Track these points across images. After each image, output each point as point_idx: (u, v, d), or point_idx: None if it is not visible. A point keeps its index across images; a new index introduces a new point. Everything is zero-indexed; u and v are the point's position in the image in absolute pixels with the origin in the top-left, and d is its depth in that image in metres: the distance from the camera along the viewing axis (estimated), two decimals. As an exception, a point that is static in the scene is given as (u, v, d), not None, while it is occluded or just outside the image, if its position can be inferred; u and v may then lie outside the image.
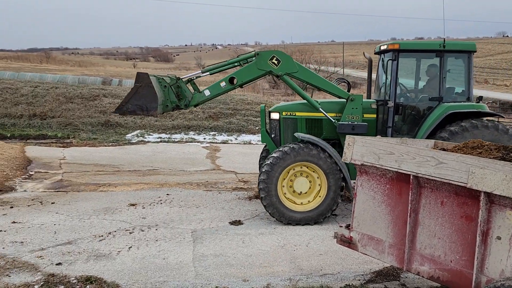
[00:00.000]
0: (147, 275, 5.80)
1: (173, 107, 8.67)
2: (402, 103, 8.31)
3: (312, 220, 7.78)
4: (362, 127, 8.16)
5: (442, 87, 8.10)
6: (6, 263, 6.10)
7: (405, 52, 8.23)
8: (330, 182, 7.71)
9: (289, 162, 7.63)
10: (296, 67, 8.41)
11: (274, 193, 7.64)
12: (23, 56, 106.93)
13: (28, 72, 50.97)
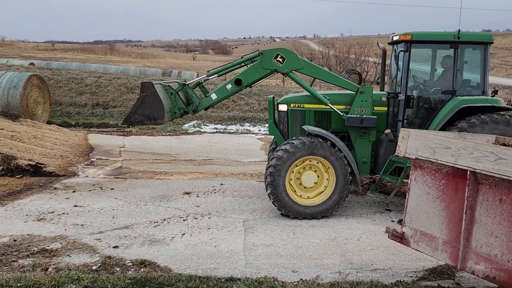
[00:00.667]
0: (198, 261, 5.94)
1: (181, 113, 8.75)
2: (413, 96, 8.03)
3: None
4: (371, 121, 7.92)
5: (456, 80, 7.78)
6: (67, 244, 6.43)
7: (418, 43, 7.95)
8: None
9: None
10: (301, 64, 8.28)
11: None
12: (88, 48, 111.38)
13: (93, 63, 53.10)
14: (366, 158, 8.15)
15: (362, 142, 8.13)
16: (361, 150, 8.14)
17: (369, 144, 8.13)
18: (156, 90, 8.05)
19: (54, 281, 5.12)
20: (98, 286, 5.08)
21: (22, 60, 46.48)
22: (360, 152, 8.14)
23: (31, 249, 6.19)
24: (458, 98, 7.69)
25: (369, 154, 8.15)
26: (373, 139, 8.10)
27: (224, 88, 8.56)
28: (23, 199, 8.47)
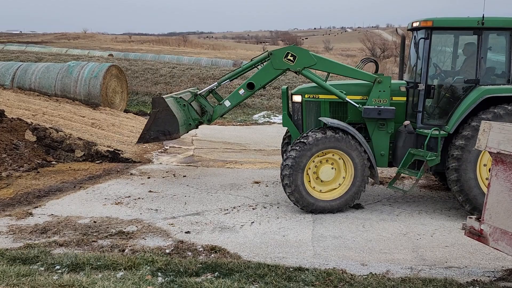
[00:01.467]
0: (267, 250, 6.00)
1: (196, 124, 8.64)
2: (434, 86, 7.54)
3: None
4: (389, 112, 7.54)
5: (479, 68, 7.26)
6: (142, 227, 6.72)
7: (440, 29, 7.49)
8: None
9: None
10: (313, 60, 8.03)
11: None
12: (163, 40, 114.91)
13: (167, 54, 54.74)
14: (384, 150, 7.83)
15: (379, 134, 7.80)
16: (378, 142, 7.81)
17: (387, 136, 7.79)
18: (168, 105, 7.91)
19: (131, 262, 5.37)
20: (171, 269, 5.27)
21: (102, 52, 48.78)
22: (378, 145, 7.81)
23: (109, 231, 6.53)
24: (482, 87, 7.18)
25: (387, 146, 7.83)
26: (391, 131, 7.76)
27: (237, 93, 8.44)
28: (102, 183, 8.93)
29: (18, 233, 6.42)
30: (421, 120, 7.55)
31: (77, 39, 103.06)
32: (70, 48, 54.19)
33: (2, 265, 5.25)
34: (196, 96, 8.55)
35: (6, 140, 10.14)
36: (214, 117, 8.60)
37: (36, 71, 17.36)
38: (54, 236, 6.32)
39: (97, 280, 4.86)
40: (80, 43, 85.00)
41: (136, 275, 5.05)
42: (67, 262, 5.34)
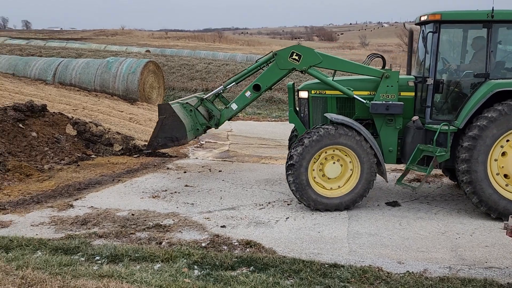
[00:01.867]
0: (302, 245, 5.99)
1: (204, 128, 8.53)
2: (443, 80, 7.31)
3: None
4: (397, 107, 7.38)
5: (489, 62, 7.03)
6: (179, 220, 6.82)
7: (448, 23, 7.27)
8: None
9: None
10: (319, 58, 7.87)
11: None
12: (199, 36, 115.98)
13: (203, 50, 55.23)
14: (392, 146, 7.66)
15: (387, 130, 7.63)
16: (386, 138, 7.65)
17: (395, 132, 7.63)
18: (174, 111, 7.84)
19: (167, 254, 5.47)
20: (207, 262, 5.34)
21: (139, 48, 49.62)
22: (386, 141, 7.65)
23: (147, 224, 6.66)
24: (492, 81, 6.96)
25: (395, 142, 7.66)
26: (399, 126, 7.59)
27: (243, 96, 8.34)
28: (140, 177, 9.11)
29: (59, 224, 6.63)
30: (429, 116, 7.39)
31: (115, 35, 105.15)
32: (108, 44, 55.35)
33: (45, 255, 5.44)
34: (202, 101, 8.49)
35: (48, 134, 10.47)
36: (221, 121, 8.54)
37: (76, 67, 17.82)
38: (94, 228, 6.49)
39: (135, 271, 4.97)
40: (118, 39, 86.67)
41: (173, 268, 5.14)
42: (106, 253, 5.48)
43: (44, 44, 44.55)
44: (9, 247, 5.70)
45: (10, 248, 5.67)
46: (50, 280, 4.24)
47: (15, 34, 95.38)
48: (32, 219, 6.82)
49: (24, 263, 5.01)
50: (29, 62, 19.55)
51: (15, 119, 10.17)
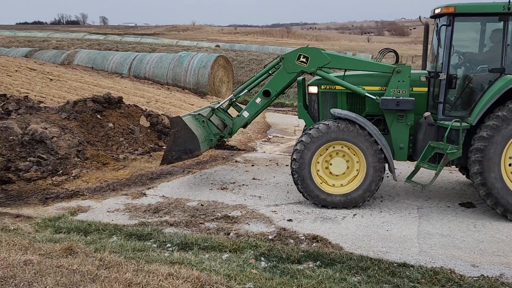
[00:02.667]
0: (369, 243, 5.90)
1: (217, 138, 8.36)
2: (456, 75, 6.97)
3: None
4: (408, 103, 7.08)
5: (505, 57, 6.68)
6: (246, 212, 6.93)
7: (462, 16, 6.93)
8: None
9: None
10: (327, 58, 7.60)
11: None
12: (267, 31, 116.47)
13: (271, 45, 55.44)
14: (403, 143, 7.38)
15: (398, 126, 7.35)
16: (397, 134, 7.37)
17: (407, 128, 7.34)
18: (185, 123, 7.76)
19: (235, 245, 5.58)
20: (273, 254, 5.39)
21: (209, 43, 50.61)
22: (397, 137, 7.38)
23: (215, 214, 6.81)
24: (508, 76, 6.58)
25: (406, 139, 7.38)
26: (410, 122, 7.30)
27: (254, 103, 8.15)
28: (209, 169, 9.33)
29: (133, 211, 6.93)
30: (442, 112, 7.11)
31: (186, 31, 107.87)
32: (180, 39, 56.87)
33: (120, 239, 5.72)
34: (214, 111, 8.37)
35: (123, 125, 10.94)
36: (234, 129, 8.38)
37: (150, 61, 18.47)
38: (165, 216, 6.73)
39: (204, 260, 5.11)
40: (189, 34, 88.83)
41: (241, 258, 5.23)
42: (177, 241, 5.68)
43: (120, 39, 46.55)
44: (88, 231, 6.05)
45: (89, 232, 6.02)
46: (126, 264, 4.45)
47: (93, 29, 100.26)
48: (108, 206, 7.18)
49: (101, 246, 5.29)
50: (107, 56, 20.51)
51: (93, 110, 10.72)
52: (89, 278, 3.91)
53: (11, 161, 8.75)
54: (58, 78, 18.22)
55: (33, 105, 12.21)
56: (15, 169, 8.64)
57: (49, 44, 37.01)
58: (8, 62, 19.81)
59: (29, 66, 19.61)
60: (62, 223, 6.27)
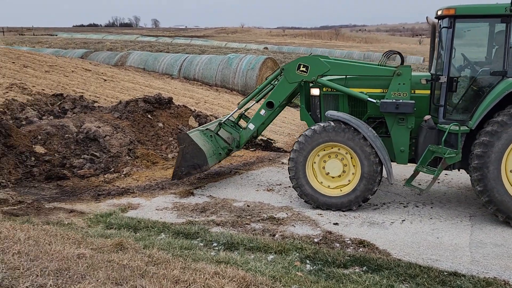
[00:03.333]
0: (419, 250, 5.76)
1: (226, 152, 8.39)
2: (457, 78, 6.83)
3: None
4: (407, 106, 6.98)
5: (507, 59, 6.51)
6: (292, 215, 6.91)
7: (464, 18, 6.78)
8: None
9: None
10: (326, 66, 7.58)
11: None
12: (315, 33, 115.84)
13: (319, 47, 55.13)
14: (404, 146, 7.29)
15: (399, 129, 7.25)
16: (398, 138, 7.28)
17: (407, 132, 7.23)
18: (192, 139, 7.87)
19: (281, 246, 5.58)
20: (319, 257, 5.35)
21: (257, 45, 50.87)
22: (397, 140, 7.29)
23: (261, 215, 6.84)
24: (509, 80, 6.40)
25: (407, 142, 7.28)
26: (411, 126, 7.19)
27: (258, 115, 8.16)
28: (255, 170, 9.38)
29: (181, 210, 7.06)
30: (443, 115, 6.96)
31: (235, 33, 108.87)
32: (229, 41, 57.47)
33: (168, 237, 5.84)
34: (221, 125, 8.45)
35: (172, 125, 11.17)
36: (241, 142, 8.42)
37: (200, 63, 18.76)
38: (212, 216, 6.82)
39: (249, 260, 5.14)
40: (238, 37, 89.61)
41: (286, 260, 5.23)
42: (223, 241, 5.74)
43: (171, 41, 47.56)
44: (137, 228, 6.22)
45: (138, 229, 6.18)
46: (173, 261, 4.54)
47: (145, 32, 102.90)
48: (157, 204, 7.35)
49: (150, 243, 5.42)
50: (158, 58, 21.00)
51: (144, 110, 11.00)
52: (138, 273, 4.01)
53: (66, 158, 9.10)
54: (112, 78, 18.82)
55: (87, 105, 12.67)
56: (70, 166, 8.98)
57: (103, 45, 38.26)
58: (65, 63, 20.64)
59: (85, 67, 20.36)
60: (113, 219, 6.47)
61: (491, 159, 6.40)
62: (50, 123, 10.28)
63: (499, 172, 6.42)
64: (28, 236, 4.73)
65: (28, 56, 20.84)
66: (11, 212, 6.77)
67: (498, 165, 6.40)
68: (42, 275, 3.63)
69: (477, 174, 6.50)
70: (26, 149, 9.04)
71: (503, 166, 6.43)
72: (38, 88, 14.54)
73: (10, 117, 10.86)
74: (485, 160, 6.42)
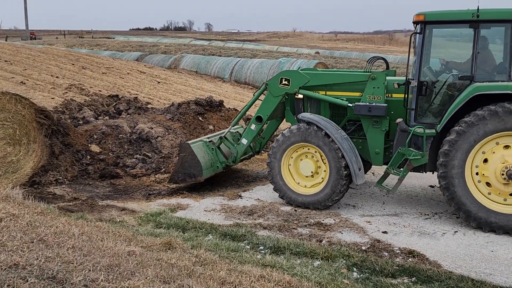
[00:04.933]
0: (471, 263, 5.55)
1: (223, 167, 8.54)
2: (427, 82, 6.99)
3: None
4: (379, 109, 7.23)
5: (474, 64, 6.69)
6: (340, 221, 6.84)
7: (433, 24, 6.97)
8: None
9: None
10: (306, 77, 7.92)
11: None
12: (368, 38, 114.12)
13: (372, 52, 54.24)
14: (378, 148, 7.50)
15: (374, 132, 7.48)
16: (373, 140, 7.51)
17: (382, 134, 7.44)
18: (192, 150, 8.12)
19: (327, 253, 5.53)
20: (366, 266, 5.27)
21: (309, 49, 50.68)
22: (373, 143, 7.52)
23: (308, 221, 6.80)
24: (475, 84, 6.55)
25: (381, 144, 7.48)
26: (385, 128, 7.40)
27: (249, 130, 8.43)
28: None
29: (229, 212, 7.13)
30: (414, 118, 7.12)
31: (286, 37, 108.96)
32: (280, 46, 57.57)
33: (215, 238, 5.91)
34: (221, 139, 8.61)
35: (223, 128, 11.30)
36: (237, 157, 8.59)
37: (251, 67, 18.91)
38: (259, 219, 6.85)
39: (295, 265, 5.12)
40: (289, 41, 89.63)
41: (332, 267, 5.18)
42: (269, 244, 5.75)
43: (223, 45, 48.17)
44: (186, 228, 6.33)
45: (186, 229, 6.29)
46: (220, 262, 4.59)
47: (198, 35, 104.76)
48: (206, 205, 7.46)
49: (197, 244, 5.51)
50: (210, 61, 21.33)
51: (196, 112, 11.19)
52: (186, 273, 4.08)
53: (119, 158, 9.40)
54: (165, 81, 19.28)
55: (141, 106, 13.03)
56: (123, 165, 9.27)
57: (158, 48, 39.27)
58: (121, 65, 21.33)
59: (140, 69, 20.96)
60: (163, 219, 6.62)
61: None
62: (105, 123, 10.66)
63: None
64: (82, 232, 4.91)
65: (86, 58, 21.70)
66: (67, 208, 7.06)
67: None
68: (94, 270, 3.76)
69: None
70: (82, 148, 9.41)
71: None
72: (95, 89, 15.10)
73: (68, 116, 11.34)
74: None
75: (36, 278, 3.41)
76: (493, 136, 6.35)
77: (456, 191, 6.57)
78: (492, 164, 6.46)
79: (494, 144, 6.43)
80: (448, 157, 6.57)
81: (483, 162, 6.52)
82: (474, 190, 6.55)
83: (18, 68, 17.19)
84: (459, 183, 6.57)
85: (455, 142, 6.50)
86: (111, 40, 56.69)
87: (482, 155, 6.52)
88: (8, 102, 8.12)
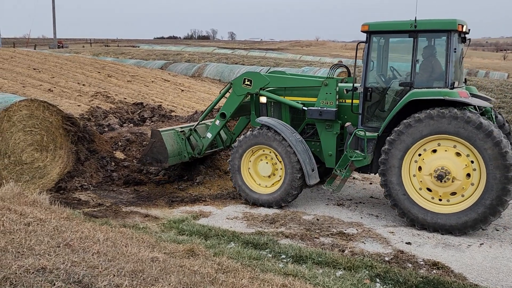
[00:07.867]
0: (498, 276, 5.45)
1: (189, 157, 8.94)
2: (370, 89, 7.44)
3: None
4: (330, 113, 7.71)
5: (413, 71, 7.13)
6: (362, 231, 6.78)
7: (377, 33, 7.50)
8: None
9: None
10: (266, 79, 8.33)
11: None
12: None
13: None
14: (331, 151, 7.95)
15: (327, 135, 7.96)
16: (326, 142, 7.98)
17: (334, 137, 7.91)
18: (162, 138, 8.53)
19: (350, 263, 5.49)
20: (389, 277, 5.22)
21: (332, 58, 50.51)
22: (326, 145, 7.99)
23: (330, 230, 6.77)
24: (413, 90, 6.99)
25: (333, 146, 7.92)
26: (336, 131, 7.87)
27: (214, 125, 8.83)
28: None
29: (251, 220, 7.14)
30: (361, 122, 7.51)
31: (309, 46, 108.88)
32: (303, 54, 57.53)
33: (237, 246, 5.93)
34: (191, 131, 9.01)
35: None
36: (202, 150, 8.96)
37: (273, 75, 18.93)
38: (281, 228, 6.84)
39: (318, 274, 5.10)
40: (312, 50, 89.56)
41: (355, 277, 5.14)
42: (291, 253, 5.73)
43: (246, 53, 48.38)
44: (208, 235, 6.36)
45: (209, 236, 6.32)
46: (242, 270, 4.59)
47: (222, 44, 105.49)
48: (228, 213, 7.48)
49: (219, 251, 5.53)
50: (233, 70, 21.46)
51: (219, 120, 11.24)
52: (208, 280, 4.10)
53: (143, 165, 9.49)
54: (189, 89, 19.46)
55: (165, 114, 13.17)
56: (146, 172, 9.38)
57: (182, 57, 39.66)
58: (146, 73, 21.61)
59: (164, 77, 21.21)
60: (185, 226, 6.67)
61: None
62: (130, 130, 10.80)
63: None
64: (106, 237, 4.98)
65: (112, 66, 22.06)
66: (91, 213, 7.17)
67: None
68: (118, 275, 3.81)
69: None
70: (107, 155, 9.55)
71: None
72: (120, 97, 15.33)
73: (94, 123, 11.53)
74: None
75: (63, 282, 3.47)
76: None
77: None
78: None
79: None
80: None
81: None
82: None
83: (46, 76, 17.57)
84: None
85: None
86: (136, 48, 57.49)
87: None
88: (36, 109, 8.30)
